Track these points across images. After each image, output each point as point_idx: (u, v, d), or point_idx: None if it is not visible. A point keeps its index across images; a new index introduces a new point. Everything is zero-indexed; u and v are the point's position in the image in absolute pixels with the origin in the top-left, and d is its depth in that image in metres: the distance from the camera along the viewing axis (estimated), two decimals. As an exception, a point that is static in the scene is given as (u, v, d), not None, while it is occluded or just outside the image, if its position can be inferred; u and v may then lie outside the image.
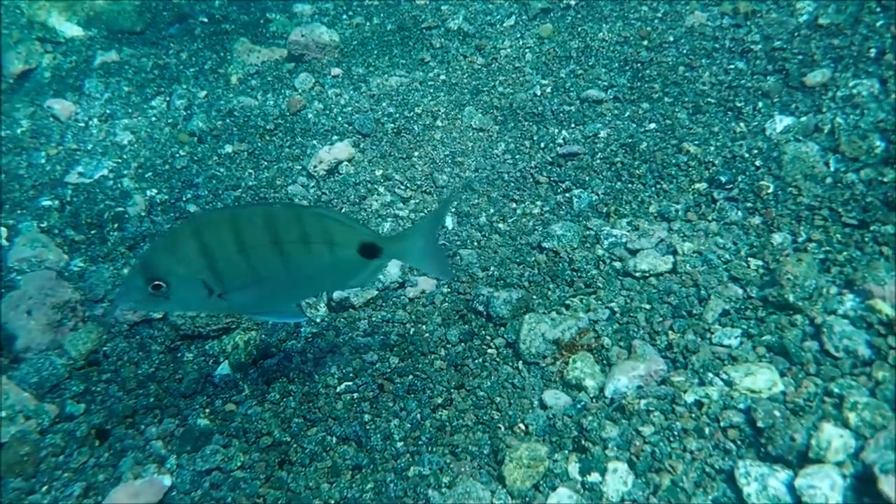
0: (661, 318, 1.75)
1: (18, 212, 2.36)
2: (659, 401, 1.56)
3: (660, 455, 1.45)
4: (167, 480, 1.62)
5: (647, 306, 1.80)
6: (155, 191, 2.47)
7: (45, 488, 1.59)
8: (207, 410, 1.80)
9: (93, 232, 2.33)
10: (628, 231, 2.00)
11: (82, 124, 2.73)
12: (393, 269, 2.11)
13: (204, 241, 1.37)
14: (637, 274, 1.88)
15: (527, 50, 2.85)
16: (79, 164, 2.56)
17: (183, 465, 1.67)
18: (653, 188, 2.11)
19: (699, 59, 2.49)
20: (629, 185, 2.15)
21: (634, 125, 2.35)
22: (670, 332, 1.71)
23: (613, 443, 1.52)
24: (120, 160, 2.59)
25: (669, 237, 1.93)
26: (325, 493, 1.60)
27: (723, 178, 2.03)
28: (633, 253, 1.94)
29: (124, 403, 1.80)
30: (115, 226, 2.34)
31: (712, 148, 2.15)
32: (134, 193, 2.45)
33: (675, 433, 1.48)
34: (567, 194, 2.24)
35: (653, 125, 2.34)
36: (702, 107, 2.31)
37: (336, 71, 2.96)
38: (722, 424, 1.46)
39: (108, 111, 2.78)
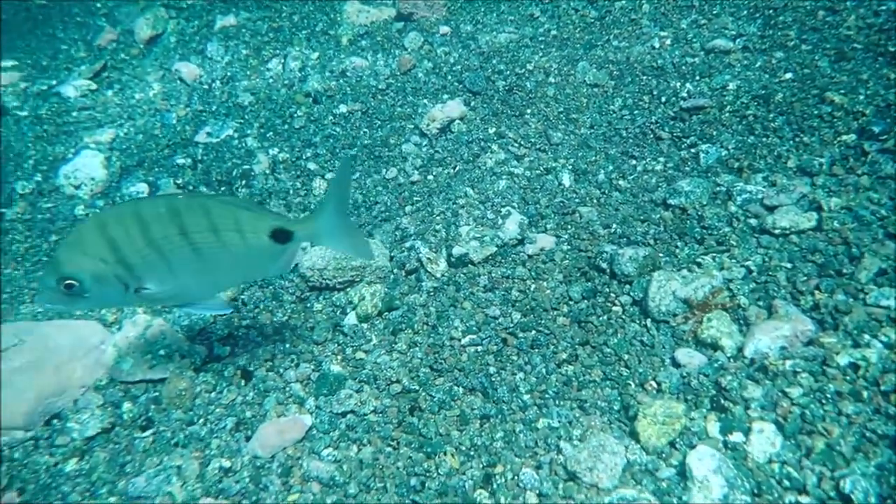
0: (805, 278, 1.66)
1: (156, 169, 2.52)
2: (807, 362, 1.49)
3: (811, 417, 1.40)
4: (308, 420, 1.72)
5: (789, 265, 1.71)
6: (276, 150, 2.57)
7: (201, 420, 1.73)
8: (339, 357, 1.89)
9: (223, 188, 2.46)
10: (764, 187, 1.90)
11: (206, 86, 2.86)
12: (511, 225, 2.11)
13: (111, 237, 1.35)
14: (776, 231, 1.79)
15: (644, 1, 2.73)
16: (206, 124, 2.69)
17: (321, 406, 1.76)
18: (791, 141, 1.98)
19: (842, 2, 2.30)
20: (763, 139, 2.03)
21: (768, 76, 2.21)
22: (816, 291, 1.63)
23: (757, 403, 1.48)
24: (242, 120, 2.71)
25: (812, 192, 1.82)
26: (456, 440, 1.65)
27: (875, 129, 1.88)
28: (771, 209, 1.84)
29: (264, 348, 1.91)
30: (243, 182, 2.46)
31: (861, 97, 1.99)
32: (258, 152, 2.56)
33: (828, 396, 1.42)
34: (692, 150, 2.15)
35: (789, 75, 2.19)
36: (846, 53, 2.14)
37: (444, 29, 2.95)
38: (883, 388, 1.39)
39: (228, 73, 2.90)
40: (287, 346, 1.92)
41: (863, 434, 1.34)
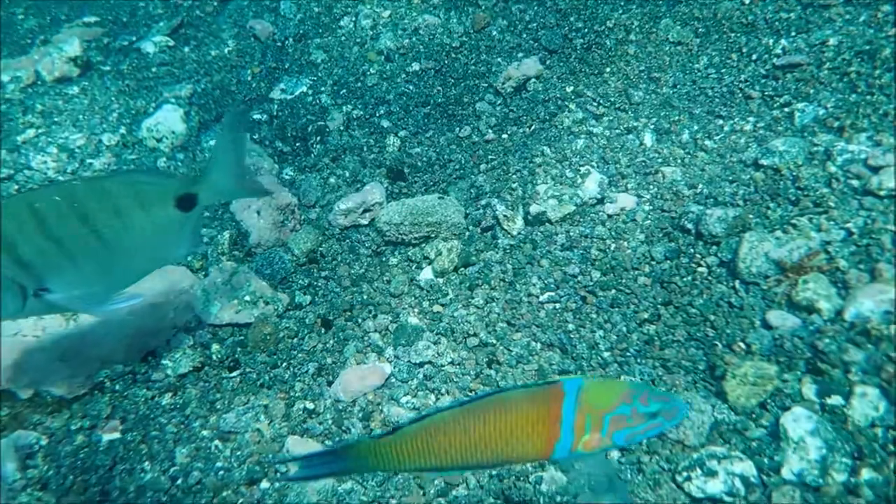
0: (913, 241, 1.58)
1: (234, 124, 2.56)
2: (916, 326, 1.42)
3: (920, 382, 1.34)
4: (387, 368, 1.74)
5: (894, 227, 1.63)
6: (350, 107, 2.58)
7: (284, 364, 1.77)
8: (416, 310, 1.90)
9: (298, 144, 2.48)
10: (869, 147, 1.80)
11: (279, 44, 2.88)
12: (591, 184, 2.07)
13: (4, 236, 1.19)
14: (882, 192, 1.70)
15: (732, -46, 2.59)
16: (280, 81, 2.71)
17: (399, 356, 1.78)
18: (899, 99, 1.87)
19: (958, -48, 2.14)
20: (868, 97, 1.92)
21: (873, 30, 2.08)
22: (926, 255, 1.55)
23: (858, 367, 1.42)
24: (316, 78, 2.72)
25: (923, 153, 1.72)
26: (535, 393, 1.65)
27: None
28: (876, 170, 1.75)
29: (342, 298, 1.94)
30: (318, 139, 2.48)
31: (980, 52, 1.86)
32: (332, 109, 2.57)
33: (939, 360, 1.35)
34: (786, 109, 2.05)
35: None
36: (962, 6, 2.00)
37: (519, -14, 2.87)
38: None
39: (301, 31, 2.90)
40: (365, 297, 1.94)
41: (980, 400, 1.28)
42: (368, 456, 1.00)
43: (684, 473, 1.38)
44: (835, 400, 1.40)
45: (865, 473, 1.28)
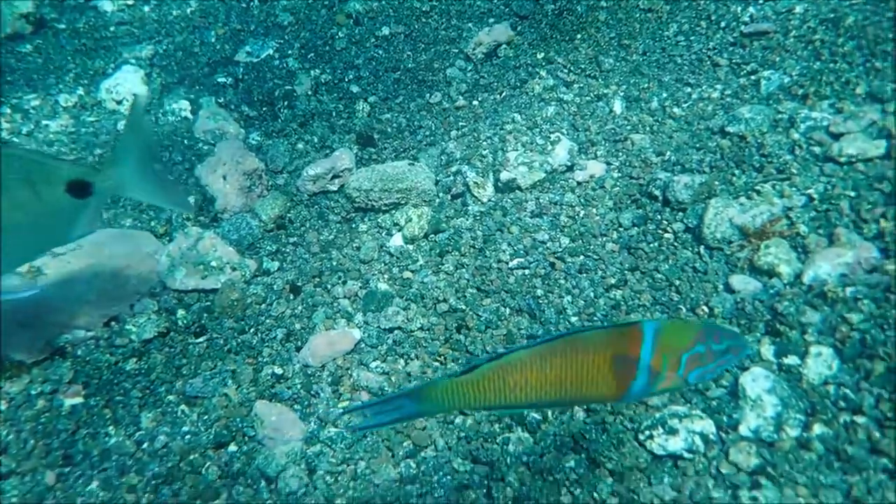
0: (870, 206, 1.62)
1: (197, 87, 2.49)
2: (870, 288, 1.47)
3: (872, 342, 1.39)
4: (356, 334, 1.74)
5: (853, 193, 1.67)
6: (318, 71, 2.52)
7: (252, 330, 1.76)
8: (386, 276, 1.89)
9: (265, 109, 2.43)
10: (831, 114, 1.83)
11: (244, 5, 2.80)
12: (561, 151, 2.07)
13: None
14: (842, 159, 1.73)
15: (704, -79, 2.58)
16: (246, 43, 2.64)
17: (369, 322, 1.78)
18: (861, 67, 1.90)
19: (923, -77, 2.16)
20: (831, 65, 1.95)
21: None
22: (882, 219, 1.59)
23: (814, 328, 1.47)
24: (283, 41, 2.65)
25: (883, 119, 1.76)
26: (504, 356, 1.66)
27: (954, 55, 1.80)
28: (837, 137, 1.78)
29: (311, 265, 1.92)
30: (286, 103, 2.42)
31: (939, 22, 1.89)
32: (299, 73, 2.52)
33: (890, 321, 1.40)
34: (753, 77, 2.07)
35: (860, -1, 2.08)
36: (925, -23, 2.03)
37: (491, -51, 2.82)
38: (949, 314, 1.37)
39: (267, -8, 2.82)
40: (334, 263, 1.93)
41: (927, 358, 1.34)
42: (445, 396, 1.00)
43: (647, 432, 1.42)
44: (791, 360, 1.44)
45: (817, 429, 1.34)
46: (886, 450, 1.25)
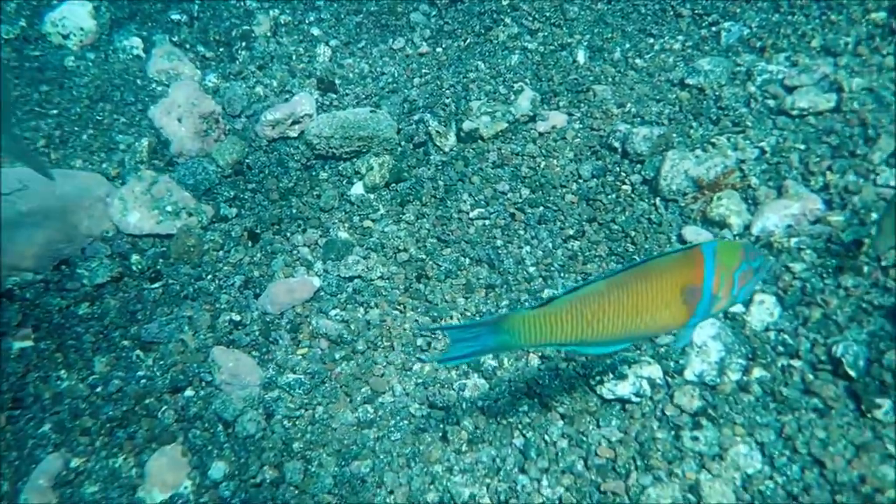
0: (818, 159, 1.67)
1: (150, 24, 2.38)
2: (812, 239, 1.53)
3: (811, 290, 1.45)
4: (316, 282, 1.74)
5: (802, 146, 1.71)
6: (278, 11, 2.43)
7: (209, 277, 1.74)
8: (346, 225, 1.89)
9: (221, 49, 2.34)
10: (786, 67, 1.86)
11: (199, -61, 2.66)
12: (524, 101, 2.06)
13: None
14: (794, 112, 1.77)
15: None
16: (200, -20, 2.52)
17: (328, 270, 1.78)
18: (818, 20, 1.92)
19: None
20: (789, 17, 1.97)
21: (801, -48, 2.10)
22: (828, 172, 1.64)
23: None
24: (239, -22, 2.54)
25: (835, 73, 1.79)
26: (462, 306, 1.69)
27: (908, 11, 1.83)
28: (791, 90, 1.81)
29: (270, 212, 1.90)
30: (243, 44, 2.34)
31: (897, -22, 1.91)
32: (258, 13, 2.42)
33: (830, 270, 1.46)
34: (714, 28, 2.08)
35: (822, -47, 2.08)
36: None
37: None
38: (883, 263, 1.43)
39: (223, -74, 2.68)
40: (294, 211, 1.91)
41: (859, 305, 1.40)
42: (522, 328, 0.99)
43: (597, 377, 1.47)
44: (737, 308, 1.50)
45: (756, 372, 1.40)
46: (818, 390, 1.32)
